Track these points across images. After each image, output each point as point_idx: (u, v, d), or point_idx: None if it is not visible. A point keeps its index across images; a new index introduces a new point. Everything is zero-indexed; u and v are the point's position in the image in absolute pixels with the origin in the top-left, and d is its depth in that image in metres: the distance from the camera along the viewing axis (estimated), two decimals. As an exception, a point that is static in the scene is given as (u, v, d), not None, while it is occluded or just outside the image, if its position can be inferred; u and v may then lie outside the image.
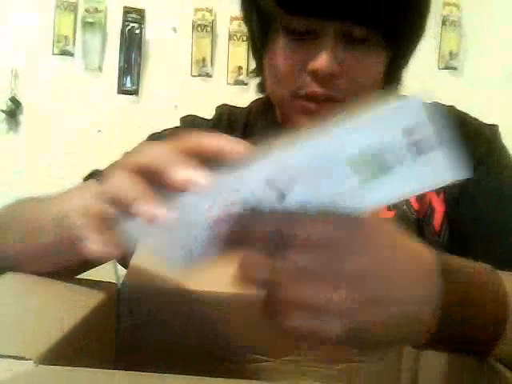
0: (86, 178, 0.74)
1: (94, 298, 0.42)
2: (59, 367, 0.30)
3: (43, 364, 0.29)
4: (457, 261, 0.39)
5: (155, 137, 0.78)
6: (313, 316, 0.34)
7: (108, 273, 0.54)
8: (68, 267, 0.49)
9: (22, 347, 0.31)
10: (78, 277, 0.50)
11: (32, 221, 0.52)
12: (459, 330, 0.37)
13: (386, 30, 0.62)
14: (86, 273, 0.53)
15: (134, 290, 0.46)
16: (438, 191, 0.70)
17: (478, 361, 0.38)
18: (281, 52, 0.65)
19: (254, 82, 0.77)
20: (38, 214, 0.52)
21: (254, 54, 0.72)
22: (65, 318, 0.37)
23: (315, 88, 0.64)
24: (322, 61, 0.61)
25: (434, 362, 0.44)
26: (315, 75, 0.63)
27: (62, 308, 0.40)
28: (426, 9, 0.66)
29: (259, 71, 0.73)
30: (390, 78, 0.69)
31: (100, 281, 0.47)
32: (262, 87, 0.75)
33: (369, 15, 0.60)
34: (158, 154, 0.37)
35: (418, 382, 0.46)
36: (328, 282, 0.34)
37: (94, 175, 0.73)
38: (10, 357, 0.29)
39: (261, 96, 0.78)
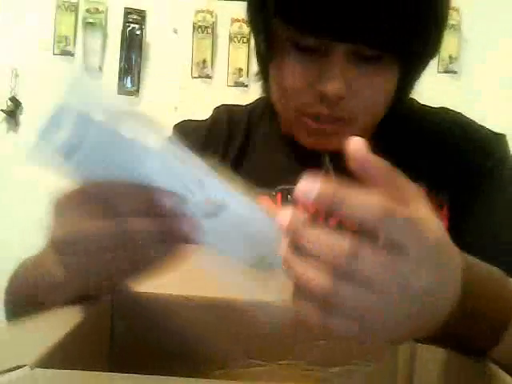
0: None
1: (89, 304, 0.42)
2: (55, 370, 0.30)
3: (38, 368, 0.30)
4: (471, 257, 0.38)
5: None
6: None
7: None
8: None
9: (18, 353, 0.31)
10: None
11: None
12: (467, 323, 0.37)
13: (400, 51, 0.59)
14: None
15: (129, 296, 0.46)
16: (441, 205, 0.68)
17: (474, 362, 0.39)
18: (289, 67, 0.62)
19: (255, 83, 0.75)
20: None
21: (258, 60, 0.69)
22: (59, 323, 0.37)
23: (322, 109, 0.62)
24: (331, 85, 0.59)
25: (430, 363, 0.44)
26: (324, 97, 0.61)
27: (57, 314, 0.40)
28: (443, 24, 0.62)
29: (262, 75, 0.70)
30: (402, 92, 0.66)
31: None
32: (265, 88, 0.72)
33: (381, 37, 0.57)
34: None
35: (412, 386, 0.46)
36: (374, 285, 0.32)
37: None
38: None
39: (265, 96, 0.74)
